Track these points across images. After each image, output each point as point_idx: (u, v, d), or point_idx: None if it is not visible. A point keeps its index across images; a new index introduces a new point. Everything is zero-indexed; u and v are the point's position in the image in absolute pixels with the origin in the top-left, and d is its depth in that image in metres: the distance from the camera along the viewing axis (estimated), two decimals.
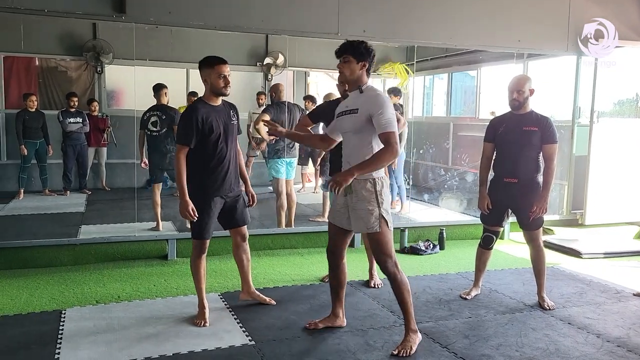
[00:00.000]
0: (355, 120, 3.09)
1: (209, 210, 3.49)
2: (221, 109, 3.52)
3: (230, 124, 3.53)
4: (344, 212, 3.20)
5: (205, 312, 3.58)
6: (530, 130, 3.85)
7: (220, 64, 3.42)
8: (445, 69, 9.00)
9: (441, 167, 8.72)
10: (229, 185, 3.57)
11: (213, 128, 3.41)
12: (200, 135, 3.39)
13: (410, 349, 3.14)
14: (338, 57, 3.18)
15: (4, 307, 3.76)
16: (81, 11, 4.57)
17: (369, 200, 3.07)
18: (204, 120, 3.38)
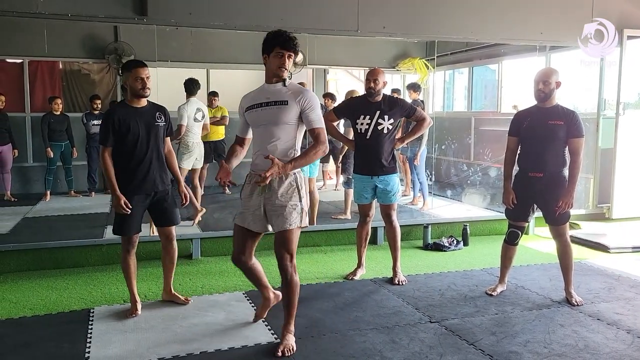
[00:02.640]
0: (283, 112, 2.98)
1: (131, 209, 3.55)
2: (144, 111, 3.59)
3: (154, 126, 3.59)
4: (258, 214, 3.07)
5: (137, 305, 3.71)
6: (556, 124, 3.79)
7: (138, 67, 3.52)
8: (466, 63, 8.91)
9: (463, 162, 8.65)
10: (151, 184, 3.62)
11: (130, 129, 3.51)
12: (117, 136, 3.50)
13: (293, 348, 3.13)
14: (290, 50, 2.96)
15: (35, 307, 3.83)
16: (104, 15, 4.63)
17: (292, 196, 3.03)
18: (121, 121, 3.49)
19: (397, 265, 4.46)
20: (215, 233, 5.32)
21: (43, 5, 4.37)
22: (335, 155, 6.74)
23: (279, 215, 3.02)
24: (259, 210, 3.07)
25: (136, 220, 3.61)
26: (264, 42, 2.98)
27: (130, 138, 3.51)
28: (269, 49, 2.96)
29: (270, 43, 2.95)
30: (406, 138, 4.65)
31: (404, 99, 5.32)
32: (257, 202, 3.06)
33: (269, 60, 2.97)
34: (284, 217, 3.01)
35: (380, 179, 4.29)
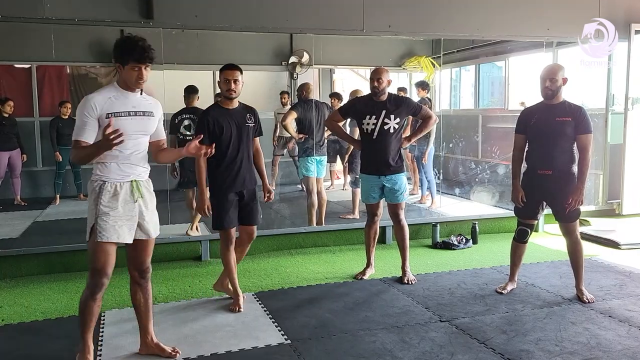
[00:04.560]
0: (152, 122, 2.89)
1: (225, 203, 3.72)
2: (236, 112, 3.70)
3: (245, 127, 3.71)
4: (133, 223, 2.84)
5: (239, 299, 3.81)
6: (563, 121, 3.77)
7: (226, 69, 3.65)
8: (472, 60, 8.87)
9: (471, 160, 8.61)
10: (242, 182, 3.75)
11: (223, 130, 3.63)
12: (211, 137, 3.60)
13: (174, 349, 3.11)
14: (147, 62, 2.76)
15: (47, 311, 3.86)
16: (110, 19, 4.66)
17: (154, 202, 2.98)
18: (215, 122, 3.63)
19: (406, 265, 4.45)
20: None
21: (50, 11, 4.40)
22: (342, 155, 6.74)
23: (151, 221, 2.92)
24: (135, 217, 2.84)
25: (232, 215, 3.75)
26: (116, 51, 2.75)
27: (223, 138, 3.64)
28: (124, 61, 2.73)
29: (125, 56, 2.72)
30: (413, 137, 4.63)
31: (410, 98, 5.31)
32: (135, 210, 2.84)
33: (125, 71, 2.74)
34: (154, 222, 2.95)
35: (387, 179, 4.28)
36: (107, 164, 2.78)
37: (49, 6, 4.39)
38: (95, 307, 2.86)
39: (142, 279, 3.02)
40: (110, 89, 2.82)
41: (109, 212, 2.76)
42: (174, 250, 5.08)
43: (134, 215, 2.84)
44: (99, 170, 2.79)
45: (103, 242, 2.76)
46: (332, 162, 7.46)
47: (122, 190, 2.79)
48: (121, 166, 2.80)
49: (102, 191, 2.77)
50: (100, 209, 2.75)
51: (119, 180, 2.79)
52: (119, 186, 2.79)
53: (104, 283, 2.82)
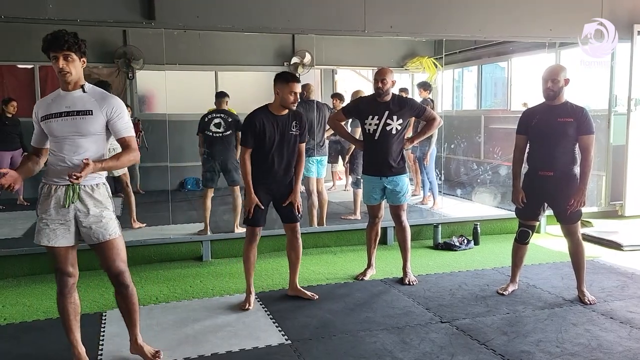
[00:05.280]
0: (89, 122, 2.71)
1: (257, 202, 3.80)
2: (283, 119, 3.75)
3: (288, 134, 3.76)
4: (67, 227, 2.74)
5: (250, 297, 3.86)
6: (565, 122, 3.76)
7: (294, 82, 3.67)
8: (475, 61, 8.87)
9: (473, 161, 8.60)
10: (277, 186, 3.84)
11: (267, 134, 3.70)
12: (256, 139, 3.70)
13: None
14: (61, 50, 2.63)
15: (48, 311, 3.87)
16: (112, 19, 4.67)
17: (107, 206, 2.81)
18: (261, 126, 3.69)
19: (408, 266, 4.44)
20: (226, 235, 5.35)
21: (53, 12, 4.41)
22: (344, 155, 6.74)
23: (98, 226, 2.76)
24: (69, 222, 2.74)
25: (263, 215, 3.84)
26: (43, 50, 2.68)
27: (266, 143, 3.71)
28: (48, 56, 2.66)
29: (45, 49, 2.65)
30: (416, 138, 4.62)
31: (413, 99, 5.29)
32: (68, 216, 2.73)
33: (53, 66, 2.66)
34: (103, 227, 2.77)
35: (389, 180, 4.26)
36: (50, 167, 2.75)
37: (52, 7, 4.40)
38: (67, 304, 2.84)
39: (117, 284, 2.90)
40: (54, 92, 2.78)
41: (42, 215, 2.74)
42: (175, 251, 5.09)
43: (69, 219, 2.73)
44: (45, 172, 2.78)
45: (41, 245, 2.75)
46: (334, 162, 7.46)
47: (55, 194, 2.71)
48: (60, 169, 2.69)
49: (40, 193, 2.75)
50: (37, 211, 2.75)
51: (56, 182, 2.71)
52: (53, 189, 2.72)
53: (66, 280, 2.82)
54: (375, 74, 4.23)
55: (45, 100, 2.79)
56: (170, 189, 6.61)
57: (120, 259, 2.87)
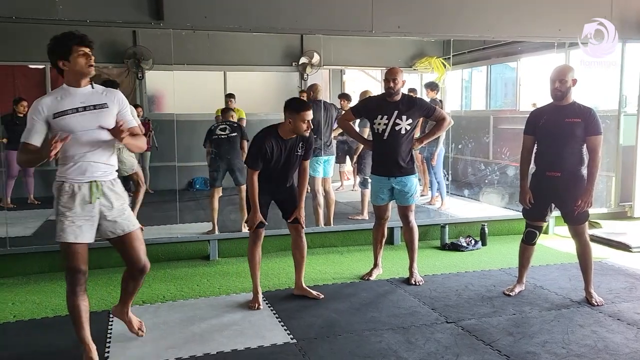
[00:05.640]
0: (107, 114, 2.83)
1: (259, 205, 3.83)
2: (290, 142, 3.79)
3: (294, 155, 3.82)
4: (92, 223, 2.84)
5: (258, 296, 3.89)
6: (573, 122, 3.75)
7: (306, 110, 3.69)
8: (484, 61, 8.84)
9: (481, 161, 8.57)
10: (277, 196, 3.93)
11: (274, 157, 3.75)
12: (263, 160, 3.74)
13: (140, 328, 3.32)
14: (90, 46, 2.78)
15: (57, 308, 3.91)
16: (121, 20, 4.71)
17: (125, 199, 2.97)
18: (269, 151, 3.72)
19: (414, 266, 4.44)
20: (232, 234, 5.37)
21: (63, 12, 4.46)
22: (351, 155, 6.74)
23: (123, 219, 2.90)
24: (95, 217, 2.84)
25: (263, 215, 3.86)
26: (55, 50, 2.75)
27: (272, 164, 3.77)
28: (66, 54, 2.72)
29: (66, 45, 2.72)
30: (425, 138, 4.59)
31: (423, 99, 5.27)
32: (95, 211, 2.83)
33: (72, 61, 2.73)
34: (127, 219, 2.92)
35: (397, 180, 4.25)
36: (66, 165, 2.78)
37: (62, 8, 4.45)
38: (80, 302, 2.87)
39: (139, 273, 3.07)
40: (58, 89, 2.82)
41: (66, 213, 2.76)
42: (182, 250, 5.12)
43: (94, 215, 2.82)
44: (59, 170, 2.80)
45: (63, 242, 2.78)
46: (341, 162, 7.48)
47: (79, 191, 2.77)
48: (80, 166, 2.77)
49: (60, 192, 2.77)
50: (59, 210, 2.77)
51: (78, 181, 2.77)
52: (76, 187, 2.77)
53: (79, 278, 2.84)
54: (386, 74, 4.21)
55: (50, 97, 2.78)
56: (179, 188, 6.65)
57: (144, 251, 3.03)
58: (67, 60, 2.73)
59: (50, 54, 2.77)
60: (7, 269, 4.64)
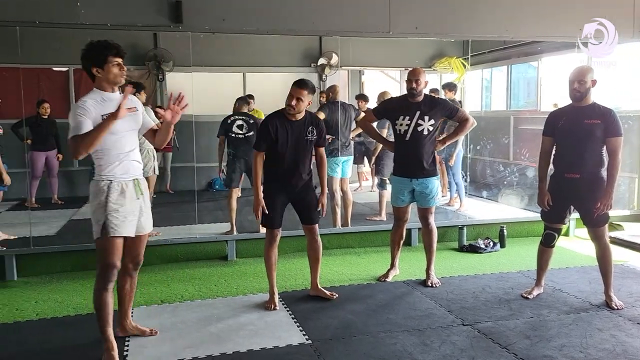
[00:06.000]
0: (139, 117, 3.10)
1: (272, 204, 3.84)
2: (298, 123, 3.78)
3: (303, 139, 3.79)
4: (137, 218, 3.08)
5: (274, 297, 3.91)
6: (592, 124, 3.70)
7: (293, 85, 3.72)
8: (504, 61, 8.74)
9: (500, 162, 8.49)
10: (292, 188, 3.87)
11: (279, 140, 3.73)
12: (268, 143, 3.74)
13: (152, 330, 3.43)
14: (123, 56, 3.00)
15: (78, 307, 3.99)
16: (141, 23, 4.78)
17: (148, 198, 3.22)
18: (273, 131, 3.72)
19: (431, 268, 4.43)
20: (250, 235, 5.42)
21: (84, 17, 4.54)
22: (369, 156, 6.74)
23: (148, 217, 3.19)
24: (137, 212, 3.08)
25: (278, 216, 3.88)
26: (90, 56, 2.93)
27: (279, 147, 3.76)
28: (101, 62, 2.90)
29: (102, 54, 2.91)
30: (448, 139, 4.54)
31: (446, 99, 5.23)
32: (136, 207, 3.06)
33: (106, 70, 2.91)
34: (150, 217, 3.22)
35: (419, 182, 4.22)
36: (112, 165, 2.96)
37: (84, 12, 4.53)
38: (110, 299, 3.04)
39: (134, 270, 3.29)
40: (94, 93, 2.95)
41: (118, 209, 2.95)
42: (200, 250, 5.18)
43: (137, 211, 3.06)
44: (104, 171, 2.96)
45: (115, 237, 2.95)
46: (360, 163, 7.47)
47: (127, 189, 2.99)
48: (124, 164, 2.99)
49: (110, 190, 2.94)
50: (110, 207, 2.93)
51: (124, 178, 2.99)
52: (124, 185, 2.99)
53: (114, 274, 3.02)
54: (409, 74, 4.18)
55: (92, 100, 2.92)
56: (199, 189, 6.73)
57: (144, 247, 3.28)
58: (102, 68, 2.91)
59: (85, 59, 2.95)
60: (31, 268, 4.75)
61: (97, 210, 2.95)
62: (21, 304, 4.05)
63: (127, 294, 3.32)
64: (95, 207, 2.96)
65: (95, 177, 2.98)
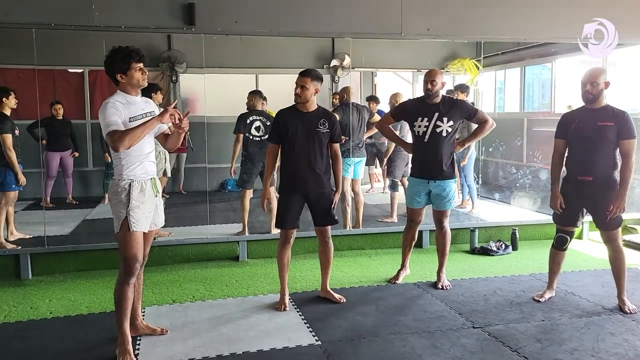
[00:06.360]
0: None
1: (287, 204, 3.87)
2: (310, 116, 3.81)
3: (314, 131, 3.80)
4: (153, 214, 3.23)
5: (285, 298, 3.93)
6: (605, 126, 3.67)
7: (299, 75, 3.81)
8: (518, 62, 8.68)
9: (513, 164, 8.43)
10: (304, 185, 3.86)
11: (290, 131, 3.78)
12: (280, 136, 3.81)
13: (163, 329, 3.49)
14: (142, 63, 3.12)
15: (91, 305, 4.04)
16: (154, 25, 4.82)
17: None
18: (283, 124, 3.80)
19: (443, 270, 4.41)
20: (262, 236, 5.44)
21: (99, 19, 4.60)
22: (380, 158, 6.73)
23: (161, 213, 3.32)
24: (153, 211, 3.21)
25: (292, 216, 3.88)
26: (114, 62, 3.04)
27: (289, 140, 3.81)
28: (124, 67, 3.03)
29: (125, 61, 3.03)
30: (467, 141, 4.51)
31: (465, 101, 5.19)
32: (153, 204, 3.21)
33: (129, 75, 3.05)
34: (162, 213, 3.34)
35: (436, 184, 4.19)
36: (133, 165, 3.09)
37: (98, 14, 4.59)
38: (131, 293, 3.13)
39: (140, 267, 3.28)
40: (119, 95, 3.08)
41: (139, 206, 3.08)
42: (212, 250, 5.21)
43: (152, 208, 3.19)
44: (125, 170, 3.08)
45: (136, 232, 3.07)
46: (372, 165, 7.47)
47: (147, 187, 3.13)
48: (144, 165, 3.13)
49: (132, 188, 3.07)
50: (132, 203, 3.06)
51: (143, 178, 3.13)
52: (144, 183, 3.13)
53: (137, 268, 3.13)
54: (425, 75, 4.17)
55: (119, 102, 3.05)
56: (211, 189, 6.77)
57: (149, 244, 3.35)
58: (125, 74, 3.06)
59: (108, 66, 3.08)
60: (45, 267, 4.82)
61: (119, 207, 3.07)
62: (35, 303, 4.11)
63: (135, 291, 3.34)
64: (117, 204, 3.07)
65: (115, 176, 3.11)
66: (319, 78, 3.83)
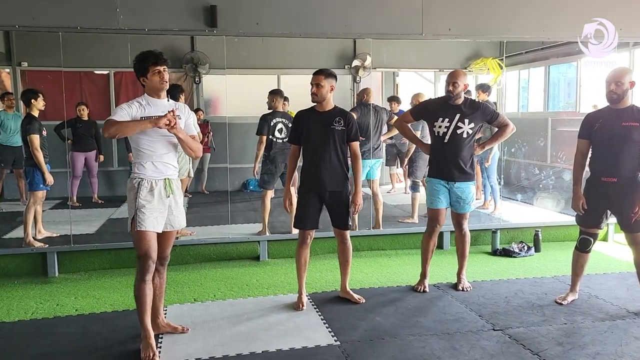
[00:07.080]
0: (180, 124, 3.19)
1: (305, 204, 3.90)
2: (326, 115, 3.85)
3: (330, 129, 3.81)
4: (164, 215, 3.22)
5: (302, 297, 3.96)
6: (630, 126, 3.62)
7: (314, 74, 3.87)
8: (542, 61, 8.57)
9: (536, 164, 8.32)
10: (320, 184, 3.87)
11: (305, 131, 3.86)
12: (298, 136, 3.89)
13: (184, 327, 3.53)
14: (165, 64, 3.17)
15: (115, 303, 4.12)
16: (177, 28, 4.90)
17: (182, 198, 3.36)
18: (300, 123, 3.88)
19: (463, 272, 4.38)
20: (282, 236, 5.48)
21: (123, 22, 4.69)
22: (402, 158, 6.71)
23: (179, 214, 3.32)
24: (166, 210, 3.22)
25: (310, 216, 3.90)
26: (136, 66, 3.14)
27: (305, 139, 3.88)
28: (145, 71, 3.11)
29: (143, 65, 3.11)
30: (487, 144, 4.46)
31: (487, 103, 5.14)
32: (166, 204, 3.20)
33: (149, 79, 3.12)
34: (182, 215, 3.35)
35: (456, 186, 4.15)
36: (144, 164, 3.16)
37: (122, 17, 4.68)
38: (147, 289, 3.17)
39: (161, 265, 3.37)
40: (142, 97, 3.21)
41: (146, 205, 3.13)
42: (233, 250, 5.27)
43: (165, 209, 3.21)
44: (137, 169, 3.17)
45: (142, 231, 3.11)
46: (392, 165, 7.45)
47: (157, 187, 3.16)
48: (156, 165, 3.17)
49: (140, 187, 3.14)
50: (139, 202, 3.12)
51: (154, 177, 3.17)
52: (154, 183, 3.16)
53: (150, 265, 3.15)
54: (448, 77, 4.14)
55: (138, 102, 3.15)
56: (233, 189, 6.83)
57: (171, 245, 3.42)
58: (146, 77, 3.14)
59: (134, 71, 3.18)
60: (71, 265, 4.93)
61: (130, 204, 3.17)
62: (61, 300, 4.21)
63: (156, 290, 3.38)
64: (129, 202, 3.18)
65: (130, 175, 3.21)
66: (332, 75, 3.86)
